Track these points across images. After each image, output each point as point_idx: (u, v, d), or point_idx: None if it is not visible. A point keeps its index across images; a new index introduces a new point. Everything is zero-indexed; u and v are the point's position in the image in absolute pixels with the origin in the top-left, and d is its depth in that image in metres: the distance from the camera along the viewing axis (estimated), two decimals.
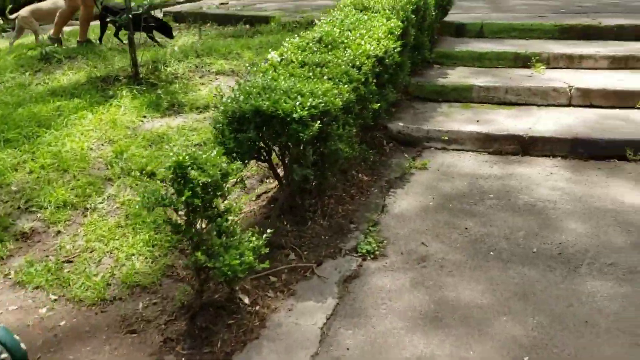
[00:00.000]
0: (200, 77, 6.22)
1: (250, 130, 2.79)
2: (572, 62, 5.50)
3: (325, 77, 3.25)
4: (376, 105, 3.71)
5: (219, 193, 2.42)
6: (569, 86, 4.89)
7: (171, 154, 2.37)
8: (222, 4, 11.14)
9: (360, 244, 3.14)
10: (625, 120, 4.45)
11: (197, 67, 6.51)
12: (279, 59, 3.50)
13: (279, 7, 9.90)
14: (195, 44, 7.78)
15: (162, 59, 6.69)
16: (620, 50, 5.51)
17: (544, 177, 3.93)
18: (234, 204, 2.57)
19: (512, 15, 6.95)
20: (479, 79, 5.26)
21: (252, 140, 2.83)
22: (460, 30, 6.50)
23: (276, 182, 3.57)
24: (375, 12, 4.44)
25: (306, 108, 2.74)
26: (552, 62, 5.51)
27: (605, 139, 4.15)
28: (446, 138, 4.52)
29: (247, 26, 8.98)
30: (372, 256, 3.07)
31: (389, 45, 3.95)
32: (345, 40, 3.82)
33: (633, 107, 4.69)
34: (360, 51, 3.66)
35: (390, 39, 4.02)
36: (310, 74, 3.31)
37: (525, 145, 4.31)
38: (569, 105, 4.87)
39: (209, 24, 9.70)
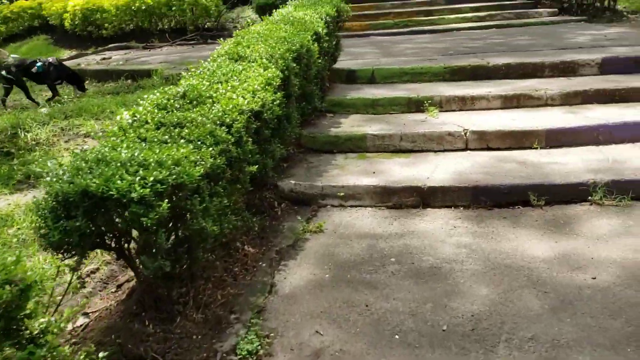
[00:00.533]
0: (65, 142, 5.47)
1: (79, 216, 2.15)
2: (465, 103, 5.32)
3: (183, 140, 2.69)
4: (254, 168, 3.19)
5: (22, 314, 1.76)
6: (464, 129, 4.65)
7: None
8: (103, 59, 10.41)
9: (240, 343, 2.55)
10: (524, 163, 4.22)
11: (63, 130, 5.77)
12: (130, 120, 2.91)
13: (164, 59, 9.34)
14: (65, 104, 7.02)
15: (23, 123, 5.89)
16: (509, 89, 5.42)
17: (448, 232, 3.55)
18: (54, 321, 1.90)
19: (402, 59, 6.80)
20: (373, 126, 4.93)
21: (84, 229, 2.19)
22: (352, 77, 6.23)
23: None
24: (252, 62, 3.98)
25: (149, 184, 2.16)
26: (445, 105, 5.31)
27: (507, 185, 3.87)
28: (342, 194, 4.09)
29: (129, 81, 8.37)
30: (254, 358, 2.48)
31: (266, 98, 3.49)
32: (215, 94, 3.31)
33: (530, 147, 4.51)
34: (231, 106, 3.15)
35: (268, 91, 3.56)
36: (167, 136, 2.74)
37: (425, 197, 3.95)
38: (466, 149, 4.62)
39: (87, 81, 8.99)
